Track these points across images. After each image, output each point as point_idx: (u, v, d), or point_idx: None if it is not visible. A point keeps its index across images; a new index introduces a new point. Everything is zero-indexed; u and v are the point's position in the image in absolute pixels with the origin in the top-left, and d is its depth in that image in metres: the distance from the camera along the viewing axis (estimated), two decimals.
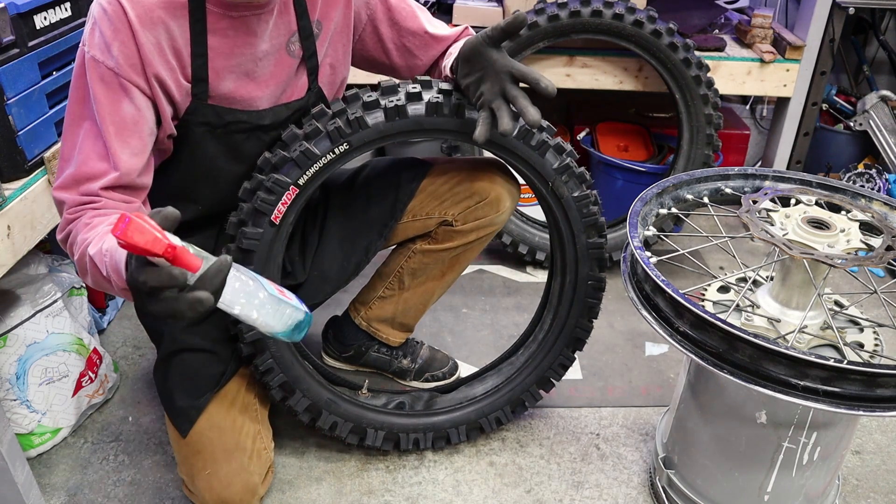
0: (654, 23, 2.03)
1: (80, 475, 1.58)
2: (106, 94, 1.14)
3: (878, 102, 2.67)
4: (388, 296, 1.72)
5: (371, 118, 1.29)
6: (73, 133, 1.17)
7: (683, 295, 1.13)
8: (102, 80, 1.13)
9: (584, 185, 1.43)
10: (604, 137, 2.52)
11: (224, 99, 1.27)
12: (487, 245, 1.68)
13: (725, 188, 1.49)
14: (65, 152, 1.18)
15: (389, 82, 1.33)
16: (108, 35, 1.12)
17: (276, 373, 1.43)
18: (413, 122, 1.31)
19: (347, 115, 1.28)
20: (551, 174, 1.39)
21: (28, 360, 1.56)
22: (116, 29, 1.12)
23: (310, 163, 1.29)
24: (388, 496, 1.55)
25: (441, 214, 1.57)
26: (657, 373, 1.94)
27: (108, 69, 1.13)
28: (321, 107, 1.33)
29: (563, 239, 1.48)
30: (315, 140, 1.29)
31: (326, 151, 1.29)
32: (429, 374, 1.84)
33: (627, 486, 1.59)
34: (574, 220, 1.44)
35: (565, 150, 1.40)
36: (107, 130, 1.14)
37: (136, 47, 1.13)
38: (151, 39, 1.15)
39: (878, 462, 1.67)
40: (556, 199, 1.43)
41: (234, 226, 1.33)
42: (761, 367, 1.06)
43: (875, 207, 1.38)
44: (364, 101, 1.29)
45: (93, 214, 1.14)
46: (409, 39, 1.45)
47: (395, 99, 1.29)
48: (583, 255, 1.48)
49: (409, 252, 1.65)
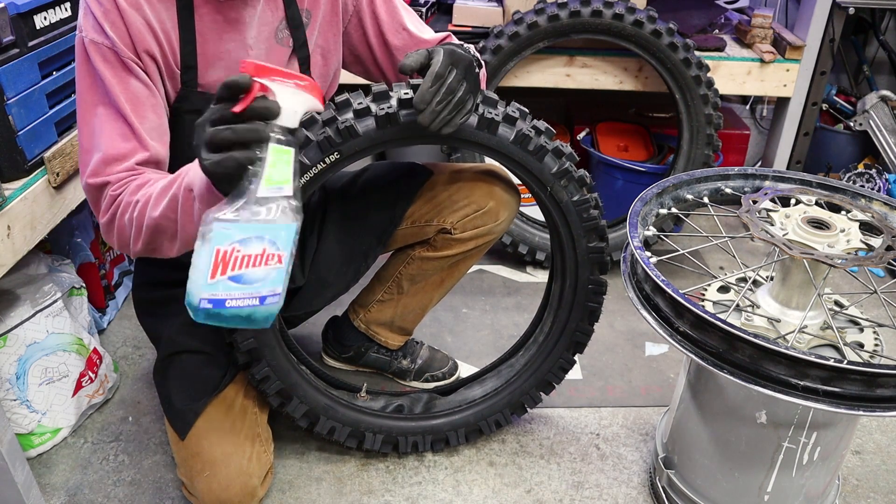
0: (654, 23, 2.03)
1: (80, 475, 1.58)
2: (113, 73, 1.15)
3: (878, 102, 2.67)
4: (387, 300, 1.71)
5: (362, 126, 1.24)
6: (88, 122, 1.16)
7: (683, 295, 1.13)
8: (106, 60, 1.14)
9: (584, 188, 1.40)
10: (604, 137, 2.52)
11: (213, 86, 1.27)
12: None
13: (725, 188, 1.49)
14: (84, 143, 1.17)
15: (380, 87, 1.26)
16: (99, 16, 1.14)
17: (272, 381, 1.43)
18: (405, 129, 1.26)
19: (338, 124, 1.23)
20: (550, 179, 1.36)
21: (28, 360, 1.56)
22: (106, 10, 1.14)
23: (300, 173, 1.23)
24: (388, 496, 1.55)
25: (439, 222, 1.57)
26: (657, 373, 1.93)
27: (108, 48, 1.14)
28: (311, 115, 1.26)
29: (563, 243, 1.45)
30: (305, 150, 1.24)
31: (317, 161, 1.24)
32: (428, 374, 1.84)
33: (627, 486, 1.59)
34: (574, 224, 1.41)
35: (564, 154, 1.36)
36: (123, 108, 1.14)
37: (126, 26, 1.15)
38: (139, 20, 1.16)
39: (878, 462, 1.67)
40: (554, 203, 1.40)
41: None
42: (761, 367, 1.06)
43: (875, 207, 1.38)
44: (355, 109, 1.24)
45: (138, 184, 1.13)
46: (392, 37, 1.43)
47: (386, 106, 1.24)
48: (583, 258, 1.45)
49: (407, 258, 1.64)
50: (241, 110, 0.89)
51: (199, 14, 1.21)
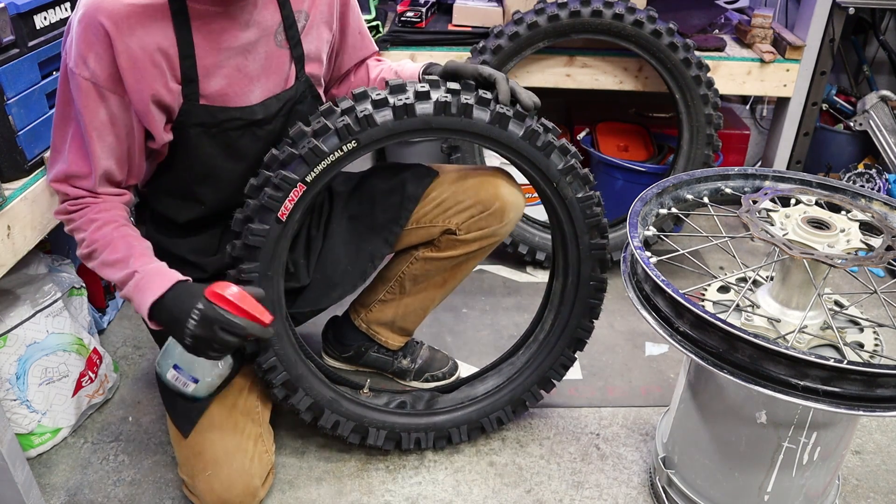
0: (654, 23, 2.03)
1: (80, 475, 1.58)
2: (85, 103, 1.20)
3: (878, 102, 2.67)
4: (389, 300, 1.71)
5: (380, 116, 1.29)
6: (62, 130, 1.25)
7: (683, 295, 1.13)
8: (80, 90, 1.18)
9: (587, 186, 1.44)
10: (604, 137, 2.52)
11: (215, 97, 1.28)
12: None
13: (725, 188, 1.49)
14: (55, 144, 1.27)
15: (397, 81, 1.33)
16: (82, 48, 1.15)
17: (279, 371, 1.43)
18: (421, 121, 1.31)
19: (356, 113, 1.28)
20: (556, 175, 1.40)
21: (28, 360, 1.56)
22: (90, 42, 1.15)
23: (318, 160, 1.28)
24: (388, 496, 1.55)
25: (444, 223, 1.57)
26: (657, 373, 1.94)
27: (84, 80, 1.17)
28: (329, 104, 1.32)
29: (566, 239, 1.48)
30: (323, 137, 1.28)
31: (335, 149, 1.29)
32: (428, 374, 1.84)
33: (627, 486, 1.59)
34: (577, 220, 1.45)
35: (570, 152, 1.41)
36: (89, 136, 1.22)
37: (113, 57, 1.16)
38: (133, 45, 1.17)
39: (878, 462, 1.67)
40: (559, 199, 1.43)
41: (239, 222, 1.33)
42: (761, 367, 1.06)
43: (875, 207, 1.38)
44: (373, 99, 1.29)
45: (97, 210, 1.27)
46: (351, 39, 1.51)
47: (403, 97, 1.29)
48: (585, 255, 1.48)
49: (410, 258, 1.64)
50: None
51: (195, 26, 1.22)
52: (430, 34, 2.27)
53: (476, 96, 1.33)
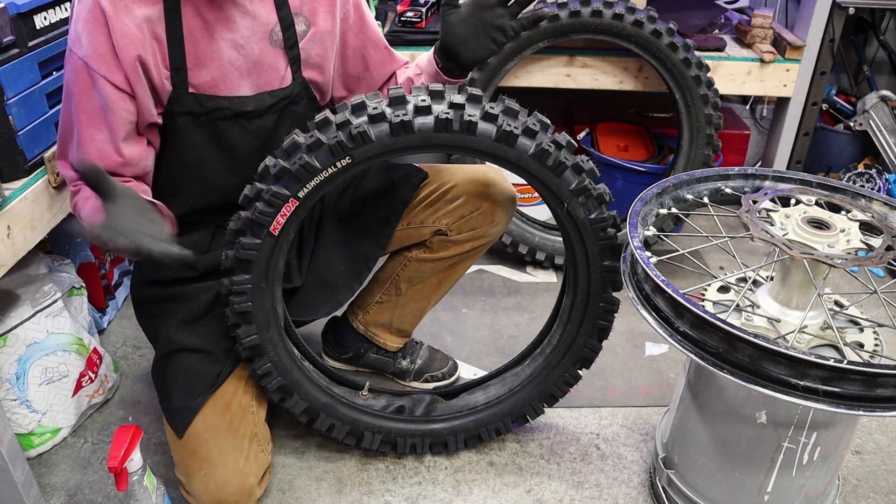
0: (654, 23, 2.03)
1: (80, 475, 1.58)
2: (76, 83, 1.21)
3: (878, 102, 2.67)
4: (385, 302, 1.71)
5: (375, 132, 1.21)
6: (69, 112, 1.26)
7: (683, 295, 1.13)
8: (74, 70, 1.21)
9: (602, 206, 1.35)
10: (604, 137, 2.52)
11: (205, 87, 1.29)
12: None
13: (725, 188, 1.49)
14: (63, 124, 1.30)
15: (397, 91, 1.24)
16: (80, 27, 1.18)
17: (273, 376, 1.43)
18: (420, 138, 1.23)
19: (350, 129, 1.21)
20: (567, 195, 1.31)
21: (28, 360, 1.56)
22: (87, 20, 1.18)
23: (310, 176, 1.23)
24: (388, 496, 1.55)
25: (434, 224, 1.57)
26: (657, 373, 1.93)
27: (78, 59, 1.20)
28: (325, 115, 1.25)
29: (577, 260, 1.40)
30: (316, 153, 1.22)
31: (327, 165, 1.22)
32: (428, 374, 1.84)
33: (627, 486, 1.59)
34: (589, 241, 1.36)
35: (584, 170, 1.31)
36: (79, 119, 1.23)
37: (108, 35, 1.17)
38: (129, 23, 1.19)
39: (878, 462, 1.67)
40: (571, 220, 1.35)
41: (232, 233, 1.31)
42: (761, 367, 1.06)
43: (875, 207, 1.38)
44: (370, 113, 1.22)
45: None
46: (372, 52, 1.49)
47: (401, 113, 1.21)
48: (597, 276, 1.40)
49: (404, 260, 1.64)
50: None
51: (186, 14, 1.23)
52: (431, 34, 2.27)
53: (482, 111, 1.24)
